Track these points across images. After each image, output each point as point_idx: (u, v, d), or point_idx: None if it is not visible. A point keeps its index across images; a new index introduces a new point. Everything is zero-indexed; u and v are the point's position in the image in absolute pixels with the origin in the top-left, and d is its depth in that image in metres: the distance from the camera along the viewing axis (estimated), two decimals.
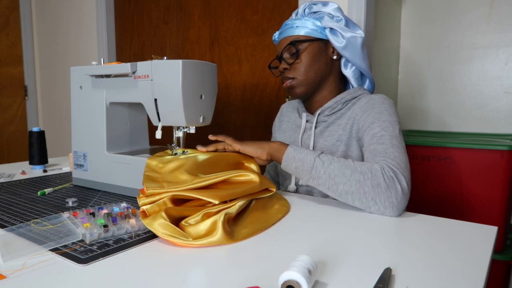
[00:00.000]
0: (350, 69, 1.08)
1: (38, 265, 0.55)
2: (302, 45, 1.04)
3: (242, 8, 1.82)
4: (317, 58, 1.05)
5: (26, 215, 0.79)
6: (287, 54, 1.07)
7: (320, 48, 1.06)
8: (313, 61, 1.05)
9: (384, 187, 0.78)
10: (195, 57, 2.00)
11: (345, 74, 1.09)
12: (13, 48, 2.64)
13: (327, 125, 1.06)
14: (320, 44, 1.06)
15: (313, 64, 1.05)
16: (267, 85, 1.78)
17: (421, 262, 0.57)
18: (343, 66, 1.09)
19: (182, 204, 0.73)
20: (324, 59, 1.07)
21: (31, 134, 1.35)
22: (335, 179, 0.81)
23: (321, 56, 1.06)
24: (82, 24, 2.43)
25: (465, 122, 2.00)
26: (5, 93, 2.62)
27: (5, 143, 2.64)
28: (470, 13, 1.95)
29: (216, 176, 0.77)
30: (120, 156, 0.98)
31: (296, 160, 0.85)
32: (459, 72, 2.00)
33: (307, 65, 1.05)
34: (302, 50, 1.04)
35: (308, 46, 1.04)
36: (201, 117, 0.93)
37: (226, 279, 0.51)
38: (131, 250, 0.61)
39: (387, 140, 0.89)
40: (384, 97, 1.01)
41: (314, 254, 0.59)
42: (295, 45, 1.04)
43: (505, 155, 1.33)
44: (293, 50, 1.05)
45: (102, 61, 1.01)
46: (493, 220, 1.38)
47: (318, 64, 1.06)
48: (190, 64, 0.87)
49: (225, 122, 1.93)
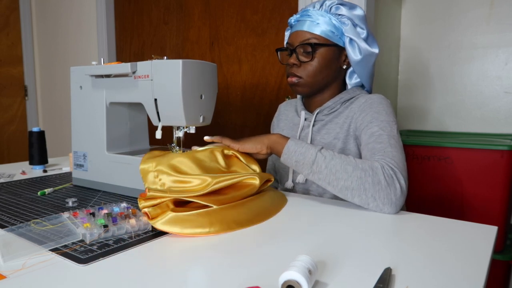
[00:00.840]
0: (354, 80, 1.08)
1: (38, 265, 0.55)
2: (319, 48, 1.02)
3: (242, 8, 1.82)
4: (329, 64, 1.04)
5: (26, 215, 0.79)
6: (301, 50, 1.03)
7: (335, 54, 1.04)
8: (325, 67, 1.03)
9: (384, 185, 0.79)
10: (195, 57, 2.00)
11: (347, 83, 1.09)
12: (13, 48, 2.64)
13: (325, 123, 1.06)
14: (335, 50, 1.04)
15: (324, 69, 1.03)
16: (267, 85, 1.78)
17: (421, 262, 0.57)
18: (348, 76, 1.09)
19: (184, 205, 0.74)
20: (335, 67, 1.05)
21: (31, 134, 1.35)
22: (336, 175, 0.82)
23: (332, 63, 1.04)
24: (82, 24, 2.43)
25: (465, 122, 2.00)
26: (5, 93, 2.62)
27: (5, 143, 2.64)
28: (470, 13, 1.95)
29: (217, 182, 0.76)
30: (120, 156, 0.98)
31: (297, 154, 0.85)
32: (459, 72, 2.00)
33: (318, 69, 1.03)
34: (317, 53, 1.02)
35: (324, 50, 1.02)
36: (201, 117, 0.93)
37: (226, 279, 0.51)
38: (131, 250, 0.61)
39: (385, 140, 0.90)
40: (381, 97, 1.01)
41: (314, 254, 0.59)
42: (313, 46, 1.01)
43: (505, 155, 1.33)
44: (308, 49, 1.01)
45: (102, 61, 1.01)
46: (493, 220, 1.38)
47: (328, 71, 1.04)
48: (190, 64, 0.87)
49: (225, 122, 1.93)
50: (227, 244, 0.64)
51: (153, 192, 0.72)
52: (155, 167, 0.78)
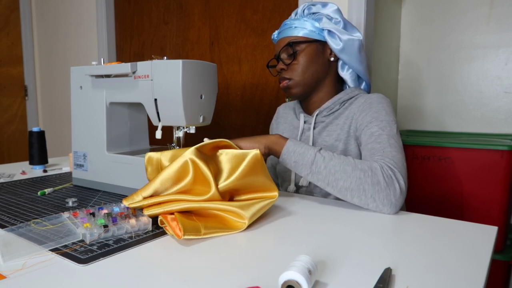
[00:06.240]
0: (347, 71, 1.09)
1: (38, 265, 0.55)
2: (300, 46, 1.05)
3: (242, 8, 1.82)
4: (314, 59, 1.05)
5: (26, 215, 0.79)
6: (285, 55, 1.07)
7: (318, 49, 1.06)
8: (310, 63, 1.05)
9: (384, 185, 0.79)
10: (195, 57, 2.00)
11: (342, 76, 1.10)
12: (13, 48, 2.64)
13: (325, 125, 1.06)
14: (318, 46, 1.06)
15: (310, 66, 1.05)
16: (267, 85, 1.78)
17: (421, 262, 0.57)
18: (340, 68, 1.09)
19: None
20: (321, 61, 1.07)
21: (31, 134, 1.35)
22: (335, 175, 0.82)
23: (318, 57, 1.06)
24: (82, 24, 2.43)
25: (465, 122, 2.00)
26: (5, 93, 2.62)
27: (5, 143, 2.64)
28: (470, 13, 1.95)
29: (219, 203, 0.72)
30: (120, 156, 0.98)
31: (296, 154, 0.85)
32: (459, 72, 2.00)
33: (304, 66, 1.05)
34: (299, 51, 1.05)
35: (305, 47, 1.05)
36: (201, 117, 0.93)
37: (226, 279, 0.51)
38: (131, 250, 0.61)
39: (384, 140, 0.90)
40: (381, 97, 1.01)
41: (314, 254, 0.59)
42: (292, 46, 1.04)
43: (505, 155, 1.33)
44: (290, 51, 1.05)
45: (102, 61, 1.01)
46: (493, 220, 1.38)
47: (315, 66, 1.06)
48: (190, 64, 0.87)
49: (225, 122, 1.93)
50: (227, 244, 0.64)
51: (134, 204, 0.72)
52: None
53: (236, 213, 0.71)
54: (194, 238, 0.66)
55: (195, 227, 0.65)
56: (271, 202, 0.77)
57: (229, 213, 0.72)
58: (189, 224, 0.65)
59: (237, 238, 0.67)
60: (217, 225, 0.69)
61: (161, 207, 0.70)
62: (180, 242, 0.65)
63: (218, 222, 0.70)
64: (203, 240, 0.66)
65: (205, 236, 0.66)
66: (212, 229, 0.67)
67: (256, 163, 0.76)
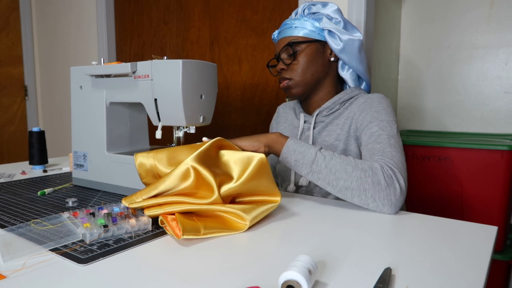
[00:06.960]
0: (347, 71, 1.09)
1: (38, 265, 0.55)
2: (300, 46, 1.05)
3: (242, 8, 1.82)
4: (314, 59, 1.06)
5: (26, 215, 0.79)
6: (285, 55, 1.07)
7: (318, 49, 1.06)
8: (310, 63, 1.05)
9: (384, 185, 0.79)
10: (195, 57, 2.00)
11: (342, 76, 1.10)
12: (13, 48, 2.64)
13: (325, 125, 1.06)
14: (318, 46, 1.06)
15: (310, 66, 1.05)
16: (267, 85, 1.78)
17: (421, 262, 0.57)
18: (341, 68, 1.09)
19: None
20: (322, 61, 1.07)
21: (31, 134, 1.35)
22: (336, 174, 0.82)
23: (318, 57, 1.06)
24: (82, 24, 2.43)
25: (465, 122, 2.00)
26: (5, 93, 2.62)
27: (5, 143, 2.64)
28: (470, 13, 1.95)
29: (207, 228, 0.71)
30: (120, 156, 0.98)
31: (297, 153, 0.85)
32: (459, 72, 2.00)
33: (304, 66, 1.05)
34: (299, 51, 1.05)
35: (305, 47, 1.05)
36: (201, 117, 0.93)
37: (226, 279, 0.51)
38: (131, 250, 0.61)
39: (384, 140, 0.90)
40: (381, 97, 1.01)
41: (314, 254, 0.59)
42: (292, 46, 1.04)
43: (505, 155, 1.33)
44: (290, 51, 1.05)
45: (102, 61, 1.01)
46: (493, 220, 1.38)
47: (315, 66, 1.06)
48: (190, 64, 0.87)
49: (225, 122, 1.93)
50: (227, 244, 0.64)
51: (134, 204, 0.72)
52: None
53: (237, 215, 0.71)
54: (193, 238, 0.66)
55: (195, 227, 0.65)
56: (273, 207, 0.77)
57: (230, 214, 0.72)
58: (188, 224, 0.65)
59: (237, 238, 0.67)
60: (217, 225, 0.69)
61: (162, 208, 0.70)
62: (180, 242, 0.65)
63: (218, 222, 0.70)
64: (203, 240, 0.66)
65: (204, 236, 0.66)
66: (212, 229, 0.67)
67: (262, 167, 0.76)
